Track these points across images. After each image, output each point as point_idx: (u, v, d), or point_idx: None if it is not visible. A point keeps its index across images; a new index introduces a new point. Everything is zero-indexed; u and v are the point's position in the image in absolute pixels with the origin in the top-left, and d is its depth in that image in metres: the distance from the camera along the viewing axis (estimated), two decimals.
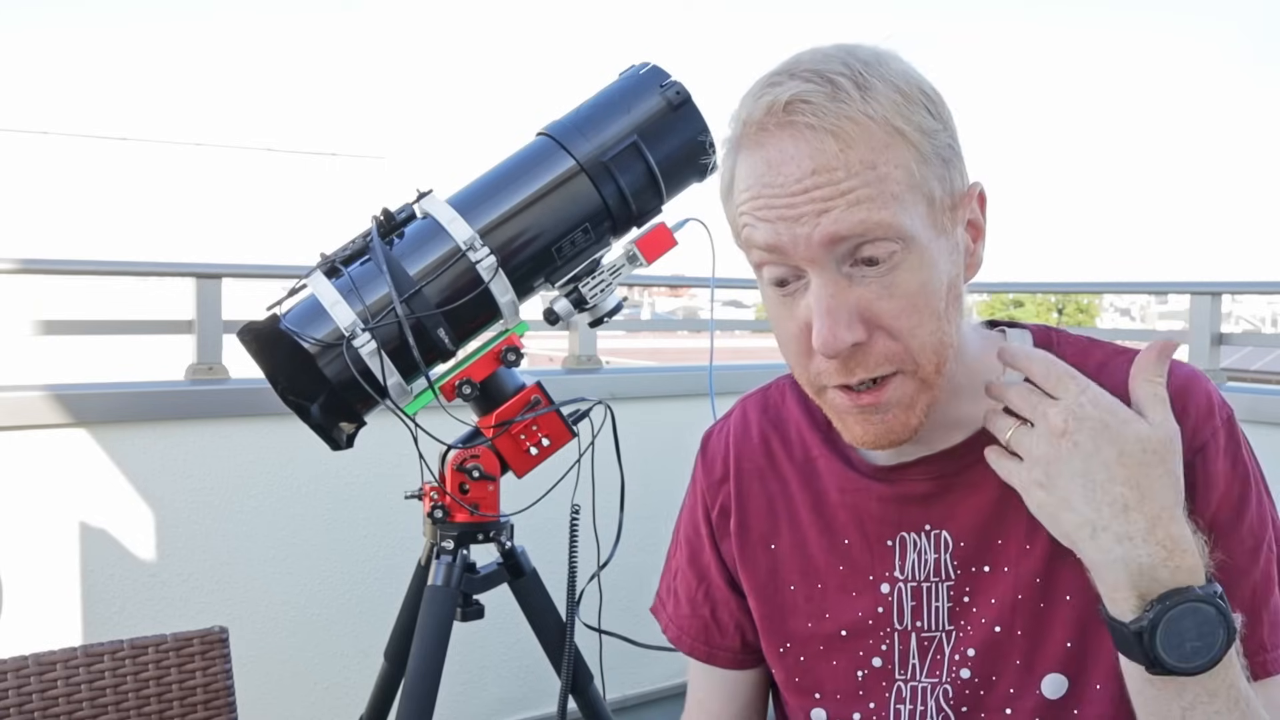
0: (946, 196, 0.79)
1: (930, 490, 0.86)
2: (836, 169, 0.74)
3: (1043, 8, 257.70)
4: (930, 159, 0.77)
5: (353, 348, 1.39)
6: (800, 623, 0.92)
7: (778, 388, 1.00)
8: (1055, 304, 25.02)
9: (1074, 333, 0.91)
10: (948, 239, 0.79)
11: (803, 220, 0.75)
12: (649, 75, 1.48)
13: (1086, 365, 0.84)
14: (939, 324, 0.78)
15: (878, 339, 0.77)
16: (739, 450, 0.98)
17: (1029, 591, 0.84)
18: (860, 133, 0.74)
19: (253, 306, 1.61)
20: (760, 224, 0.77)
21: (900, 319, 0.77)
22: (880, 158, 0.74)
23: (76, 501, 2.12)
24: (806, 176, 0.74)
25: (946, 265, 0.79)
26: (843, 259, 0.76)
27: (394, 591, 1.72)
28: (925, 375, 0.79)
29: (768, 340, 11.16)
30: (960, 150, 0.81)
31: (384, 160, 18.61)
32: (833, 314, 0.75)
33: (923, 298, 0.77)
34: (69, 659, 1.26)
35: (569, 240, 1.47)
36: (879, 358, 0.78)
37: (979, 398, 0.85)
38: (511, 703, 2.62)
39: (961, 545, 0.86)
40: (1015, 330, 0.92)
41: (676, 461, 2.39)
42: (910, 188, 0.76)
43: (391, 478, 2.36)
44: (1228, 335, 3.11)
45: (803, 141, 0.75)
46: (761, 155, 0.77)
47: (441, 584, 1.52)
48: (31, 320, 2.35)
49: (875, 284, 0.76)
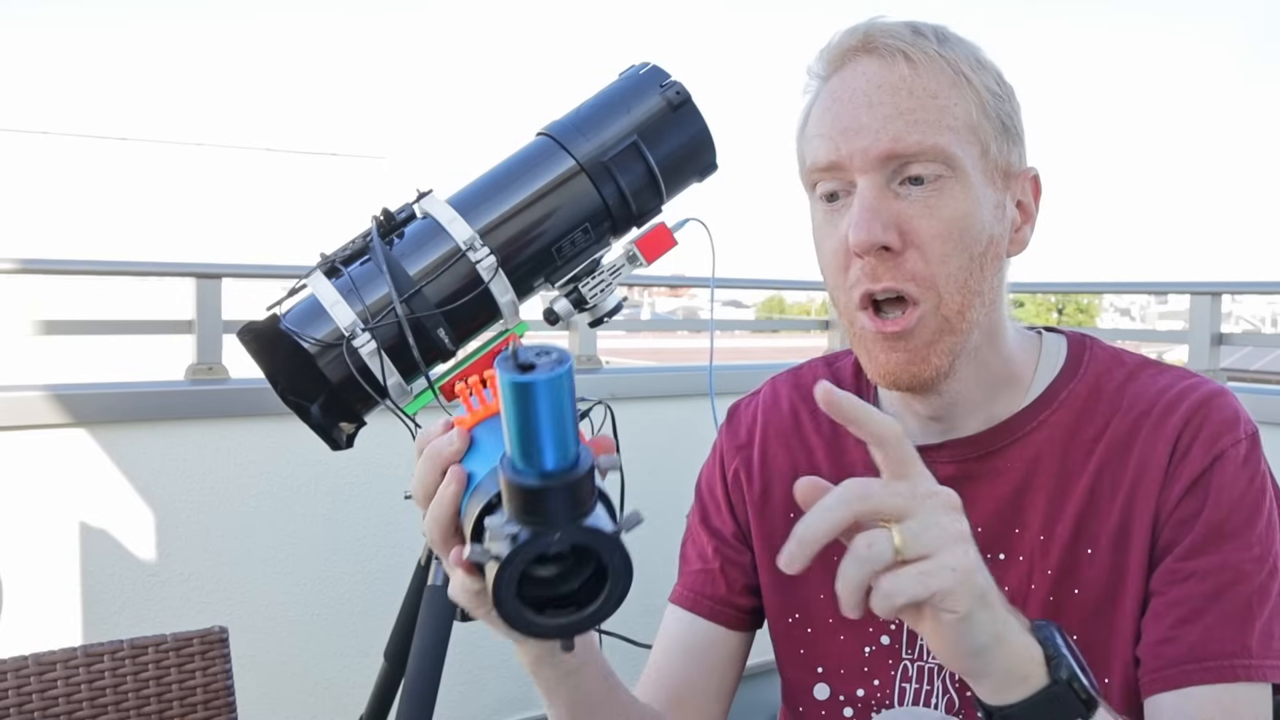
0: (1001, 159, 0.83)
1: (953, 474, 0.87)
2: (901, 89, 0.80)
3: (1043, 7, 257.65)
4: (991, 115, 0.82)
5: (353, 348, 1.40)
6: (813, 593, 0.92)
7: (810, 367, 1.03)
8: (1055, 304, 25.02)
9: (1108, 344, 0.92)
10: (996, 195, 0.83)
11: (863, 133, 0.80)
12: (649, 75, 1.49)
13: (1116, 372, 0.88)
14: (970, 265, 0.81)
15: (910, 255, 0.80)
16: (766, 418, 1.00)
17: (1041, 581, 0.85)
18: (930, 64, 0.81)
19: (253, 306, 1.60)
20: (824, 139, 0.82)
21: (934, 241, 0.80)
22: (944, 91, 0.80)
23: (76, 501, 2.12)
24: (874, 91, 0.80)
25: (990, 217, 0.83)
26: (892, 176, 0.80)
27: (394, 591, 1.72)
28: (948, 313, 0.81)
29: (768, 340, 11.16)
30: (1022, 135, 0.86)
31: (384, 160, 18.63)
32: (871, 211, 0.79)
33: (959, 228, 0.80)
34: (69, 659, 1.26)
35: (569, 240, 1.48)
36: (907, 272, 0.80)
37: (1010, 387, 0.88)
38: (511, 703, 2.62)
39: (979, 531, 0.87)
40: (1051, 335, 0.94)
41: (677, 461, 2.39)
42: (968, 128, 0.81)
43: (391, 478, 2.36)
44: (1228, 335, 3.11)
45: (877, 59, 0.81)
46: (839, 77, 0.83)
47: (441, 584, 1.52)
48: (31, 320, 2.35)
49: (919, 203, 0.80)
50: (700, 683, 0.97)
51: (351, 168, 17.25)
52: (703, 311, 12.56)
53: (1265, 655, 0.78)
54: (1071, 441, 0.86)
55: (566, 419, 0.53)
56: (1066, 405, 0.87)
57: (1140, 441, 0.84)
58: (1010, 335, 0.90)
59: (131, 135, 16.72)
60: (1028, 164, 0.87)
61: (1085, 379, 0.88)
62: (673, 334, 18.16)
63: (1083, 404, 0.87)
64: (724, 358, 6.19)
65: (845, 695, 0.91)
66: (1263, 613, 0.79)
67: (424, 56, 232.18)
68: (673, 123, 1.46)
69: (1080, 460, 0.85)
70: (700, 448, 1.08)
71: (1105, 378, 0.88)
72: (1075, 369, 0.89)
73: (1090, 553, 0.84)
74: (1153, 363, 0.90)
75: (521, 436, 0.53)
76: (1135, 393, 0.86)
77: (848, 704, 0.92)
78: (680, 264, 1.94)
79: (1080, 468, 0.85)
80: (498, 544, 0.54)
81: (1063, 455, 0.86)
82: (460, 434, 0.67)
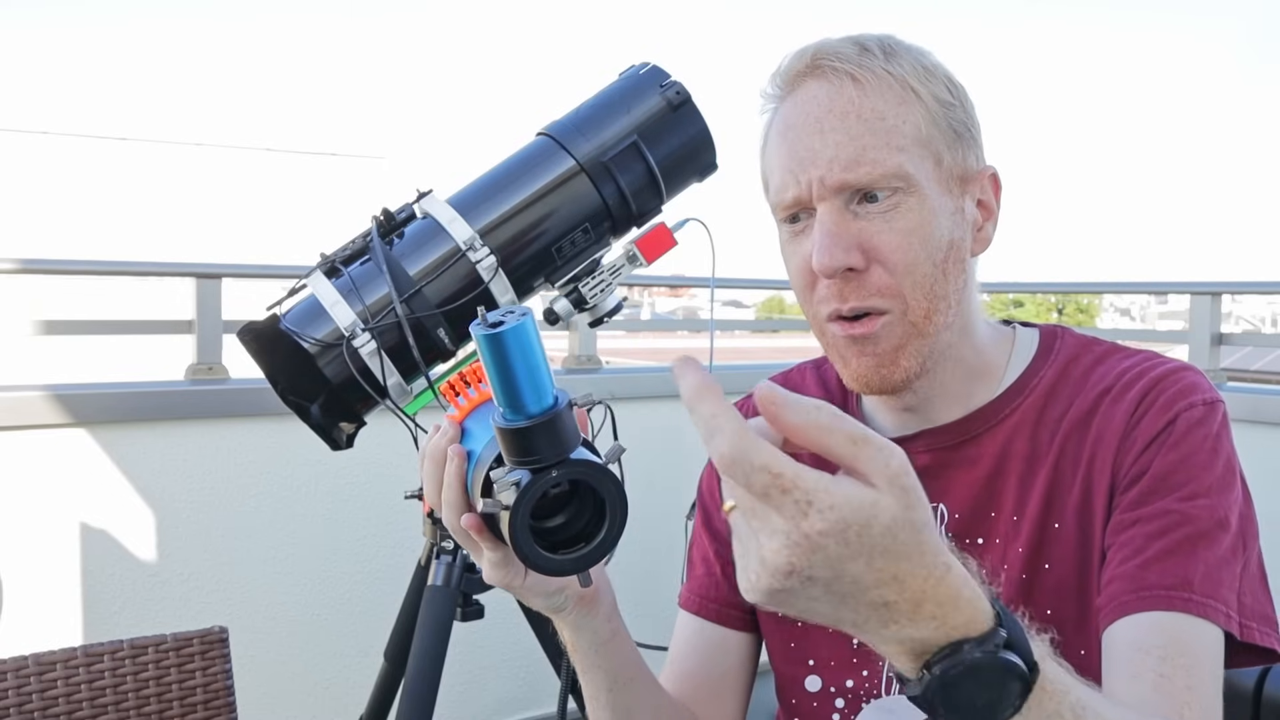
0: (956, 166, 0.85)
1: (930, 463, 0.89)
2: (850, 113, 0.82)
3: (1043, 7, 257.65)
4: (941, 125, 0.84)
5: (353, 348, 1.39)
6: None
7: (799, 370, 1.06)
8: (1055, 304, 25.03)
9: (1081, 334, 0.94)
10: (953, 201, 0.86)
11: (817, 162, 0.82)
12: (649, 75, 1.48)
13: (1083, 358, 0.90)
14: (934, 272, 0.84)
15: (874, 271, 0.83)
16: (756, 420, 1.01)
17: (1015, 561, 0.86)
18: (878, 84, 0.83)
19: (253, 306, 1.60)
20: (782, 171, 0.85)
21: (896, 253, 0.82)
22: (891, 110, 0.82)
23: (76, 501, 2.12)
24: (825, 116, 0.83)
25: (949, 224, 0.85)
26: (849, 198, 0.83)
27: (394, 591, 1.72)
28: (915, 319, 0.84)
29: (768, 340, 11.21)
30: (978, 136, 0.88)
31: (384, 160, 18.61)
32: (832, 236, 0.82)
33: (919, 239, 0.83)
34: (69, 659, 1.26)
35: (569, 240, 1.48)
36: (872, 289, 0.83)
37: (984, 378, 0.91)
38: (511, 703, 2.62)
39: (957, 518, 0.89)
40: (1024, 328, 0.96)
41: (677, 461, 2.39)
42: (917, 143, 0.83)
43: (391, 478, 2.36)
44: (1228, 335, 3.10)
45: (825, 83, 0.84)
46: (790, 102, 0.86)
47: (441, 584, 1.52)
48: (31, 320, 2.35)
49: (878, 219, 0.83)
50: (715, 683, 0.99)
51: (351, 168, 17.24)
52: (703, 311, 12.56)
53: (1209, 595, 0.77)
54: (1039, 424, 0.88)
55: (538, 362, 0.62)
56: (1037, 391, 0.89)
57: (1100, 415, 0.85)
58: (982, 329, 0.92)
59: (131, 135, 16.71)
60: (985, 162, 0.89)
61: (1055, 365, 0.90)
62: (673, 334, 18.14)
63: (1051, 388, 0.89)
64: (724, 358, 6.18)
65: (835, 687, 0.93)
66: (1208, 556, 0.78)
67: (424, 56, 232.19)
68: (673, 123, 1.46)
69: (1046, 441, 0.87)
70: (699, 448, 1.08)
71: (1073, 364, 0.90)
72: (1046, 357, 0.91)
73: (1058, 527, 0.85)
74: (1124, 349, 0.90)
75: (504, 384, 0.62)
76: (1100, 374, 0.88)
77: (838, 695, 0.93)
78: (680, 264, 1.94)
79: (1046, 447, 0.87)
80: (505, 493, 0.63)
81: (1032, 438, 0.88)
82: (452, 424, 0.74)
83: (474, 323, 0.62)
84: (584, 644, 0.84)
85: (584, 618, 0.82)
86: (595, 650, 0.85)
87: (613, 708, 0.87)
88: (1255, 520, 0.84)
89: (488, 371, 0.62)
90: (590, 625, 0.83)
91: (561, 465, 0.63)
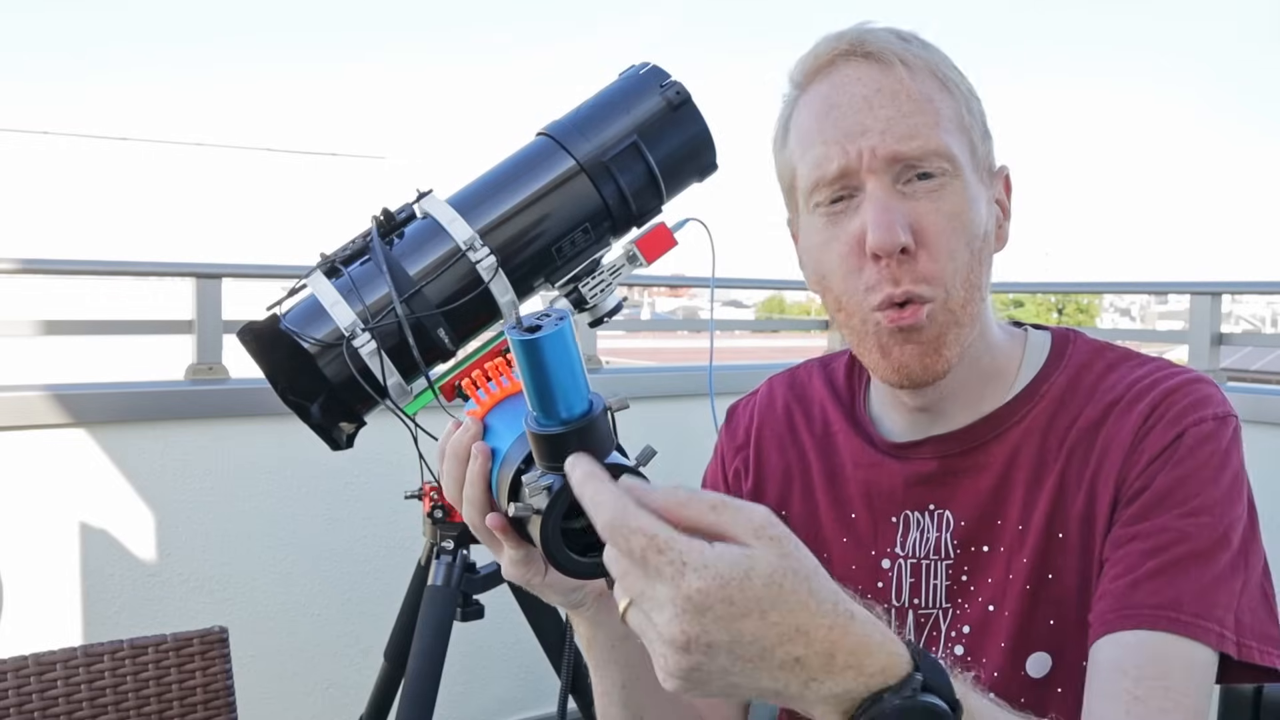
0: (985, 157, 0.86)
1: (937, 469, 0.89)
2: (900, 92, 0.82)
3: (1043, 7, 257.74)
4: (975, 115, 0.85)
5: (353, 348, 1.40)
6: None
7: (806, 368, 1.05)
8: (1055, 304, 25.02)
9: (1094, 339, 0.93)
10: (986, 190, 0.86)
11: (868, 134, 0.81)
12: (649, 75, 1.48)
13: (1095, 365, 0.88)
14: (971, 260, 0.83)
15: (921, 255, 0.82)
16: (762, 418, 1.02)
17: (1019, 571, 0.85)
18: (920, 69, 0.83)
19: (253, 306, 1.60)
20: (827, 145, 0.83)
21: (943, 237, 0.81)
22: (936, 94, 0.83)
23: (76, 501, 2.12)
24: (873, 94, 0.82)
25: (984, 212, 0.85)
26: (899, 175, 0.81)
27: (394, 591, 1.72)
28: (954, 307, 0.83)
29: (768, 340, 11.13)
30: (992, 136, 0.88)
31: (384, 160, 18.60)
32: (890, 212, 0.80)
33: (962, 224, 0.82)
34: (69, 659, 1.26)
35: (569, 240, 1.48)
36: (919, 274, 0.82)
37: (996, 381, 0.90)
38: (511, 703, 2.62)
39: (962, 525, 0.88)
40: (1036, 331, 0.95)
41: (677, 462, 2.39)
42: (959, 128, 0.83)
43: (391, 478, 2.36)
44: (1228, 335, 3.11)
45: (871, 66, 0.83)
46: (829, 83, 0.84)
47: (441, 584, 1.52)
48: (31, 320, 2.35)
49: (925, 200, 0.82)
50: None
51: (351, 168, 17.24)
52: (703, 311, 12.56)
53: (1200, 615, 0.75)
54: (1048, 432, 0.87)
55: (576, 367, 0.60)
56: (1047, 398, 0.88)
57: (1108, 425, 0.84)
58: (995, 330, 0.91)
59: (131, 135, 16.72)
60: (998, 164, 0.90)
61: (1066, 371, 0.89)
62: (673, 334, 18.14)
63: (1061, 396, 0.88)
64: (724, 358, 6.19)
65: None
66: (1203, 575, 0.77)
67: (424, 56, 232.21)
68: (673, 123, 1.46)
69: (1054, 449, 0.86)
70: (699, 448, 1.08)
71: (1085, 370, 0.89)
72: (1058, 363, 0.90)
73: (1062, 538, 0.84)
74: (1138, 355, 0.89)
75: (539, 391, 0.59)
76: (1111, 382, 0.86)
77: None
78: (680, 264, 1.93)
79: (1054, 456, 0.86)
80: (537, 498, 0.61)
81: (1040, 446, 0.87)
82: (475, 421, 0.73)
83: (508, 326, 0.60)
84: (601, 640, 0.84)
85: (602, 614, 0.82)
86: (612, 646, 0.84)
87: (625, 705, 0.87)
88: (1260, 538, 0.82)
89: (521, 376, 0.60)
90: (608, 622, 0.82)
91: None
